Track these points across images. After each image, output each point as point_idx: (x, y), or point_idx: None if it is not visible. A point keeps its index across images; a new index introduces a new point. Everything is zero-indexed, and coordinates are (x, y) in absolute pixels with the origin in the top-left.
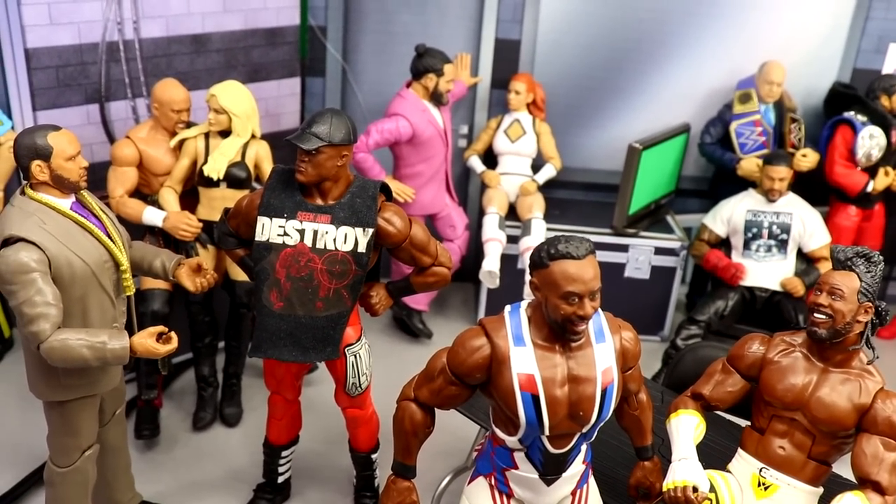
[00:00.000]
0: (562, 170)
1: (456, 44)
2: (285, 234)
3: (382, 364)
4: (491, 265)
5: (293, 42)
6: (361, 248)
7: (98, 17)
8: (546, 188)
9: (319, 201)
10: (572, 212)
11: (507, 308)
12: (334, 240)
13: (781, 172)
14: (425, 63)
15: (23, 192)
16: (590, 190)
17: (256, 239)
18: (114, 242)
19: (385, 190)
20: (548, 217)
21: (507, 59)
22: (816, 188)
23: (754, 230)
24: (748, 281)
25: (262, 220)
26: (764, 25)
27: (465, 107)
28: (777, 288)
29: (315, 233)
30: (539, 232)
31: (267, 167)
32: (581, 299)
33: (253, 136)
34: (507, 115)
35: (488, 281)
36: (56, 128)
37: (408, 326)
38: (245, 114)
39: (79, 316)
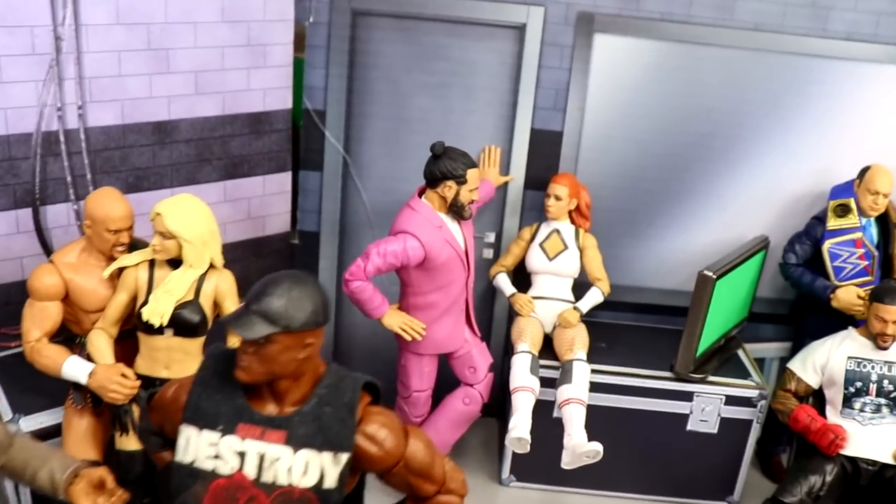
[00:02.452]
0: (611, 288)
1: (484, 134)
2: (217, 456)
3: None
4: (520, 429)
5: (283, 130)
6: (330, 483)
7: (32, 103)
8: (589, 311)
9: (271, 408)
10: (622, 343)
11: None
12: (289, 470)
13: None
14: (443, 167)
15: None
16: (642, 312)
17: (176, 458)
18: None
19: (371, 388)
20: (591, 352)
21: (546, 153)
22: None
23: (858, 384)
24: (851, 450)
25: (187, 432)
26: (864, 119)
27: (492, 210)
28: (890, 461)
29: (261, 458)
30: (582, 379)
31: (230, 306)
32: None
33: (212, 266)
34: (543, 223)
35: (517, 447)
36: None
37: None
38: (200, 239)
39: None
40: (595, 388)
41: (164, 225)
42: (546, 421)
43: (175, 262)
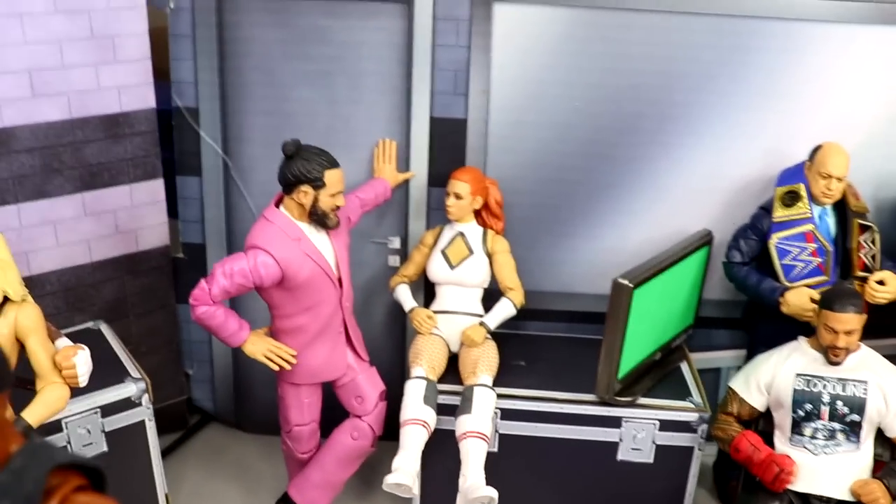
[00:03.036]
0: (537, 296)
1: (377, 127)
2: None
3: None
4: (401, 473)
5: (147, 132)
6: None
7: None
8: (513, 321)
9: None
10: (546, 359)
11: None
12: None
13: (848, 322)
14: (296, 170)
15: None
16: (575, 321)
17: None
18: None
19: (91, 472)
20: (507, 373)
21: (450, 145)
22: None
23: (808, 406)
24: (801, 485)
25: None
26: (816, 89)
27: (395, 212)
28: (847, 497)
29: None
30: (484, 409)
31: (35, 343)
32: None
33: (8, 300)
34: (447, 226)
35: (397, 492)
36: None
37: None
38: None
39: None
40: (509, 415)
41: None
42: (449, 449)
43: None
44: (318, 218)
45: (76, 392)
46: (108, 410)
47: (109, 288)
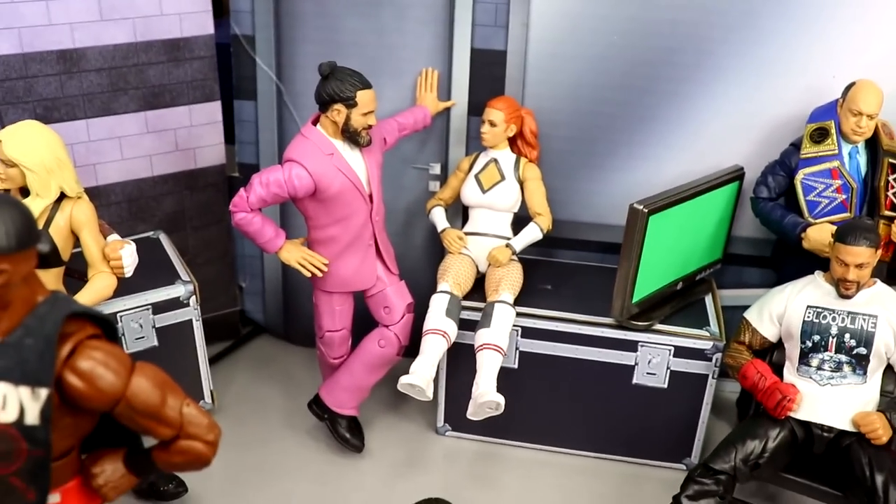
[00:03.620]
0: (570, 226)
1: (420, 56)
2: None
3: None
4: (416, 375)
5: (206, 57)
6: (31, 420)
7: None
8: (548, 249)
9: None
10: (573, 285)
11: None
12: None
13: (859, 255)
14: (329, 89)
15: None
16: (607, 252)
17: None
18: None
19: (98, 318)
20: (532, 295)
21: (489, 76)
22: None
23: (816, 338)
24: (803, 413)
25: None
26: (860, 31)
27: (436, 139)
28: (847, 427)
29: None
30: (502, 323)
31: (87, 236)
32: None
33: (65, 196)
34: (482, 153)
35: (409, 392)
36: None
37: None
38: (43, 167)
39: None
40: (529, 334)
41: (4, 152)
42: (468, 364)
43: (25, 193)
44: (350, 135)
45: (131, 289)
46: (158, 308)
47: (169, 201)
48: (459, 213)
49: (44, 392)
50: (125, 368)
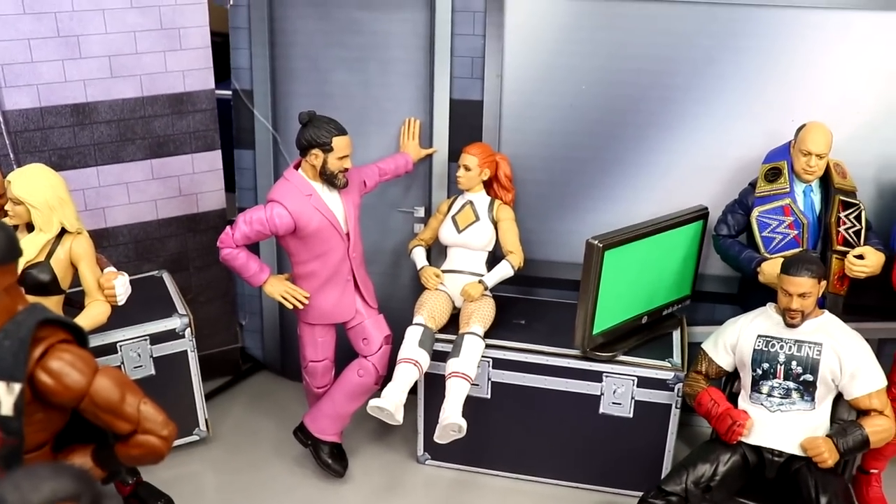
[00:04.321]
0: (546, 265)
1: (404, 107)
2: None
3: None
4: (385, 399)
5: (208, 110)
6: (6, 411)
7: None
8: (526, 287)
9: None
10: (546, 320)
11: None
12: None
13: (801, 285)
14: (308, 136)
15: None
16: None
17: None
18: None
19: (70, 327)
20: (506, 328)
21: (467, 124)
22: None
23: (765, 366)
24: (754, 438)
25: None
26: (814, 73)
27: (420, 185)
28: (796, 451)
29: None
30: (470, 353)
31: (85, 268)
32: None
33: (66, 231)
34: (460, 196)
35: (377, 415)
36: None
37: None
38: (45, 204)
39: None
40: (500, 364)
41: (12, 192)
42: (438, 393)
43: (32, 228)
44: (327, 178)
45: (131, 321)
46: (155, 339)
47: (173, 242)
48: (443, 252)
49: (17, 387)
50: (90, 369)
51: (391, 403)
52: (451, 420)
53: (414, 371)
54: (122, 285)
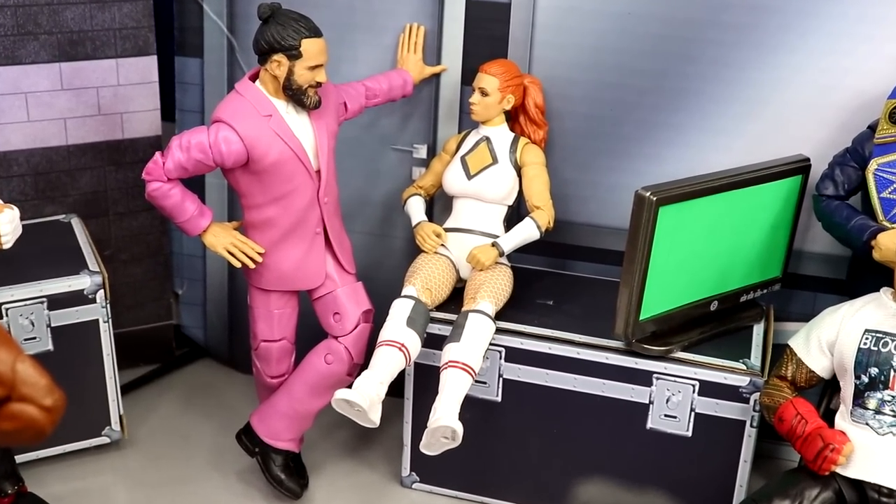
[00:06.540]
0: (586, 230)
1: (404, 9)
2: None
3: None
4: (356, 391)
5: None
6: None
7: None
8: (559, 259)
9: None
10: (579, 302)
11: None
12: None
13: None
14: (269, 36)
15: None
16: None
17: None
18: None
19: None
20: (527, 310)
21: (489, 35)
22: None
23: (873, 371)
24: (855, 470)
25: None
26: None
27: (422, 114)
28: None
29: None
30: (475, 338)
31: None
32: None
33: None
34: (474, 130)
35: (349, 414)
36: None
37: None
38: None
39: None
40: (515, 356)
41: None
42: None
43: None
44: (293, 94)
45: (24, 277)
46: (56, 302)
47: (87, 178)
48: (449, 206)
49: None
50: None
51: (364, 397)
52: (443, 423)
53: (399, 357)
54: (8, 221)
